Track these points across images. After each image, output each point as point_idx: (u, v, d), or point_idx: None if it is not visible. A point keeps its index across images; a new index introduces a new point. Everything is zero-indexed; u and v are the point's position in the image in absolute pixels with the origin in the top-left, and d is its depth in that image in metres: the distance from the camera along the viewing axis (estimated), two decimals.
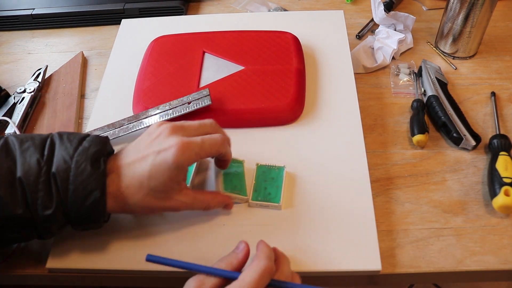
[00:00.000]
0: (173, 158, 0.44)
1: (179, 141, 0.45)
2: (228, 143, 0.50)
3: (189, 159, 0.45)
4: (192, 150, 0.45)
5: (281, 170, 0.55)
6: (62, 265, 0.50)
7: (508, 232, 0.53)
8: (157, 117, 0.60)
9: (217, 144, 0.48)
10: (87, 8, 0.84)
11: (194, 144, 0.45)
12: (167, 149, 0.44)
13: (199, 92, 0.60)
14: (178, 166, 0.44)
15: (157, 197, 0.45)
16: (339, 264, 0.48)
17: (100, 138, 0.47)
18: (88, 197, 0.43)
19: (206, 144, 0.46)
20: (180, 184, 0.46)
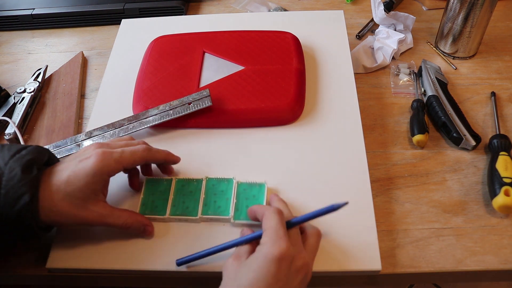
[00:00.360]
0: (91, 164, 0.46)
1: (99, 151, 0.47)
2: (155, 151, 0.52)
3: (108, 167, 0.47)
4: (111, 158, 0.47)
5: (262, 187, 0.53)
6: (62, 265, 0.50)
7: (508, 232, 0.53)
8: (151, 119, 0.59)
9: (138, 152, 0.49)
10: (87, 8, 0.84)
11: (114, 153, 0.47)
12: (88, 158, 0.47)
13: (199, 92, 0.60)
14: (96, 172, 0.46)
15: (73, 204, 0.46)
16: (339, 264, 0.48)
17: (39, 148, 0.49)
18: (18, 201, 0.44)
19: (126, 152, 0.48)
20: (97, 195, 0.47)
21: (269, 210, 0.46)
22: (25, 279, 0.53)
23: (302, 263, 0.43)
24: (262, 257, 0.41)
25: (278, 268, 0.40)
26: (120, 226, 0.49)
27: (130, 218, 0.49)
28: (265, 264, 0.40)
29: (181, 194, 0.53)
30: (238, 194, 0.53)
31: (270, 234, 0.43)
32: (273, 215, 0.45)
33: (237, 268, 0.43)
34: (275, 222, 0.44)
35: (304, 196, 0.54)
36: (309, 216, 0.45)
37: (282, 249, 0.41)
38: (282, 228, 0.43)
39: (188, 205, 0.52)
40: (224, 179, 0.54)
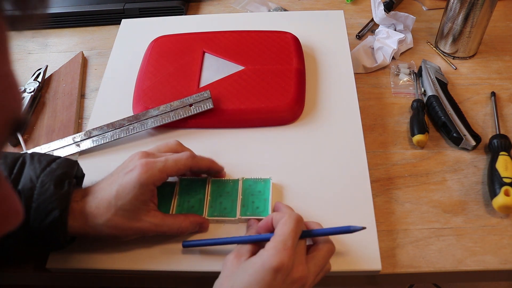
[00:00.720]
0: (137, 176, 0.46)
1: (143, 162, 0.47)
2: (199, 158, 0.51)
3: (153, 177, 0.47)
4: (155, 168, 0.47)
5: (267, 182, 0.54)
6: (62, 265, 0.50)
7: (508, 232, 0.53)
8: (151, 120, 0.59)
9: (182, 160, 0.49)
10: (87, 8, 0.84)
11: (158, 162, 0.48)
12: (132, 170, 0.47)
13: (200, 94, 0.60)
14: (142, 184, 0.46)
15: (125, 217, 0.46)
16: (339, 264, 0.48)
17: (69, 162, 0.49)
18: (48, 216, 0.45)
19: (169, 161, 0.48)
20: (147, 205, 0.47)
21: (290, 216, 0.44)
22: (25, 279, 0.53)
23: (299, 276, 0.42)
24: (260, 264, 0.41)
25: (273, 278, 0.40)
26: (175, 232, 0.49)
27: (184, 222, 0.49)
28: (262, 272, 0.40)
29: (186, 193, 0.53)
30: (244, 190, 0.53)
31: (277, 242, 0.42)
32: (291, 222, 0.43)
33: (235, 267, 0.43)
34: (288, 230, 0.43)
35: (304, 196, 0.54)
36: (327, 231, 0.45)
37: (282, 261, 0.41)
38: (292, 238, 0.42)
39: (193, 205, 0.52)
40: (229, 180, 0.54)
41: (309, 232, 0.45)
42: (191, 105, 0.60)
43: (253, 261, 0.42)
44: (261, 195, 0.53)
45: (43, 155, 0.49)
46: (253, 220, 0.50)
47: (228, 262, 0.44)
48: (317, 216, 0.51)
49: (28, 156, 0.49)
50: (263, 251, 0.42)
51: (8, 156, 0.49)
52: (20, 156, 0.49)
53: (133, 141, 0.61)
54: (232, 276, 0.42)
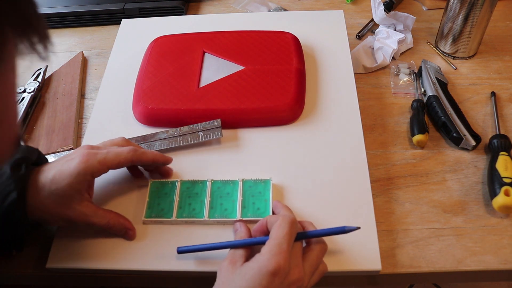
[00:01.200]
0: (75, 164, 0.47)
1: (84, 152, 0.48)
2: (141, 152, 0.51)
3: (92, 167, 0.47)
4: (95, 159, 0.48)
5: (267, 183, 0.54)
6: (62, 265, 0.50)
7: (508, 232, 0.53)
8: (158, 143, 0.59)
9: (123, 153, 0.50)
10: (87, 8, 0.84)
11: (98, 154, 0.48)
12: (73, 158, 0.48)
13: (210, 122, 0.59)
14: (79, 172, 0.47)
15: (56, 202, 0.47)
16: (339, 264, 0.48)
17: (29, 148, 0.50)
18: (6, 198, 0.45)
19: (110, 154, 0.49)
20: (81, 194, 0.48)
21: (284, 219, 0.44)
22: (25, 279, 0.53)
23: (296, 277, 0.42)
24: (257, 269, 0.41)
25: (270, 282, 0.40)
26: (103, 226, 0.49)
27: (113, 219, 0.50)
28: (259, 277, 0.40)
29: (186, 196, 0.53)
30: (244, 191, 0.53)
31: (273, 246, 0.42)
32: (285, 225, 0.43)
33: (231, 273, 0.43)
34: (283, 233, 0.43)
35: (304, 197, 0.54)
36: (322, 232, 0.46)
37: (279, 265, 0.41)
38: (288, 241, 0.42)
39: (194, 207, 0.52)
40: (229, 181, 0.54)
41: (304, 234, 0.45)
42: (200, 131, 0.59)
43: (249, 266, 0.42)
44: (262, 196, 0.53)
45: None
46: (239, 223, 0.50)
47: (223, 269, 0.44)
48: (317, 216, 0.51)
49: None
50: (259, 256, 0.42)
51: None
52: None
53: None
54: (228, 282, 0.42)
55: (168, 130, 0.60)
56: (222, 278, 0.43)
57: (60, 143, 0.64)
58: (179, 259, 0.50)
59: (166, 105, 0.62)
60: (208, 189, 0.53)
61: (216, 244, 0.48)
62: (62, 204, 0.47)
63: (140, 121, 0.63)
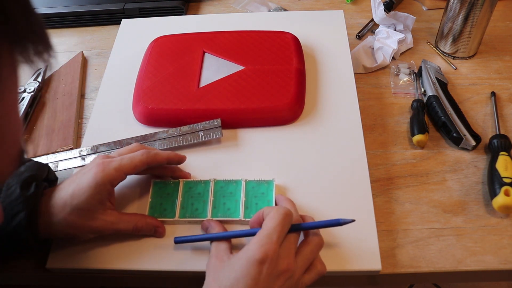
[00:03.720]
0: (92, 176, 0.47)
1: (99, 162, 0.48)
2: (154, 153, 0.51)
3: (109, 176, 0.47)
4: (111, 167, 0.48)
5: (270, 184, 0.54)
6: (62, 265, 0.50)
7: (508, 232, 0.53)
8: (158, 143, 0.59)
9: (137, 157, 0.49)
10: (87, 8, 0.84)
11: (113, 162, 0.48)
12: (89, 170, 0.48)
13: (210, 121, 0.60)
14: (97, 183, 0.46)
15: (81, 216, 0.47)
16: (339, 264, 0.48)
17: (39, 165, 0.50)
18: (14, 219, 0.45)
19: (124, 159, 0.49)
20: (103, 204, 0.48)
21: (278, 210, 0.44)
22: (25, 279, 0.53)
23: (285, 267, 0.42)
24: (245, 258, 0.41)
25: (258, 271, 0.40)
26: (131, 231, 0.50)
27: (140, 221, 0.50)
28: (247, 266, 0.41)
29: (189, 196, 0.53)
30: (247, 192, 0.53)
31: (262, 236, 0.42)
32: (278, 216, 0.43)
33: (220, 267, 0.43)
34: (273, 224, 0.43)
35: (304, 197, 0.54)
36: (316, 224, 0.46)
37: (266, 253, 0.41)
38: (278, 232, 0.42)
39: (197, 207, 0.52)
40: (232, 180, 0.54)
41: (298, 226, 0.45)
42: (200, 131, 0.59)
43: (237, 256, 0.42)
44: (264, 196, 0.53)
45: None
46: (209, 220, 0.51)
47: (210, 265, 0.44)
48: (317, 216, 0.51)
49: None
50: (247, 246, 0.42)
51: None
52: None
53: None
54: (218, 276, 0.42)
55: (168, 130, 0.60)
56: (211, 274, 0.43)
57: (60, 143, 0.64)
58: (179, 259, 0.50)
59: (166, 105, 0.62)
60: (211, 189, 0.53)
61: (212, 234, 0.48)
62: (87, 217, 0.47)
63: (140, 121, 0.63)
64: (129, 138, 0.60)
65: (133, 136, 0.60)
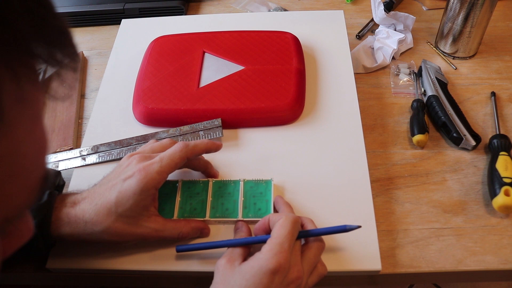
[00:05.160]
0: (136, 182, 0.45)
1: (141, 167, 0.46)
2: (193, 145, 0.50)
3: (153, 180, 0.46)
4: (153, 170, 0.46)
5: (268, 184, 0.54)
6: (62, 265, 0.50)
7: (508, 232, 0.53)
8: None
9: (176, 153, 0.48)
10: (87, 8, 0.84)
11: (154, 164, 0.47)
12: (131, 176, 0.46)
13: (210, 121, 0.60)
14: (142, 189, 0.45)
15: (126, 223, 0.46)
16: (339, 264, 0.48)
17: (51, 172, 0.49)
18: None
19: (164, 160, 0.47)
20: (148, 210, 0.47)
21: (287, 218, 0.44)
22: (25, 279, 0.53)
23: (295, 276, 0.42)
24: (258, 267, 0.41)
25: (271, 281, 0.40)
26: (176, 238, 0.49)
27: (185, 227, 0.49)
28: (259, 275, 0.40)
29: (187, 196, 0.53)
30: (245, 192, 0.53)
31: (274, 245, 0.42)
32: (288, 224, 0.43)
33: (230, 272, 0.42)
34: (285, 232, 0.43)
35: (304, 197, 0.54)
36: (323, 231, 0.46)
37: (279, 263, 0.41)
38: (289, 240, 0.42)
39: (196, 207, 0.52)
40: (230, 181, 0.54)
41: (306, 233, 0.46)
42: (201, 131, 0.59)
43: (249, 264, 0.42)
44: (263, 196, 0.53)
45: None
46: (241, 222, 0.50)
47: (220, 267, 0.43)
48: (317, 216, 0.51)
49: None
50: (259, 254, 0.42)
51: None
52: None
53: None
54: (227, 281, 0.42)
55: (169, 129, 0.60)
56: (220, 277, 0.43)
57: (60, 143, 0.64)
58: (179, 259, 0.50)
59: (166, 105, 0.62)
60: (210, 189, 0.53)
61: (215, 242, 0.48)
62: (132, 224, 0.46)
63: (140, 121, 0.63)
64: (129, 138, 0.60)
65: (133, 136, 0.60)
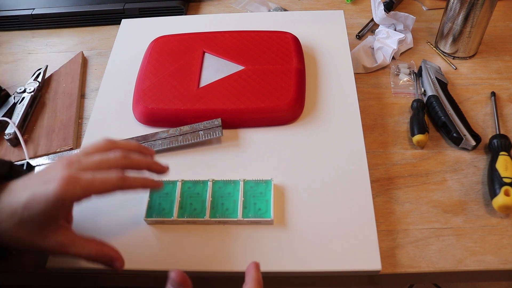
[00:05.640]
0: (54, 190, 0.40)
1: (66, 174, 0.41)
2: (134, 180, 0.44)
3: (73, 195, 0.40)
4: (78, 185, 0.41)
5: (268, 184, 0.54)
6: (62, 265, 0.50)
7: (508, 232, 0.53)
8: (159, 142, 0.59)
9: (111, 181, 0.42)
10: (87, 8, 0.84)
11: (83, 180, 0.41)
12: (51, 181, 0.40)
13: (210, 121, 0.60)
14: (58, 199, 0.40)
15: (28, 230, 0.41)
16: (339, 264, 0.48)
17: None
18: None
19: (97, 181, 0.41)
20: (57, 222, 0.42)
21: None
22: (25, 279, 0.53)
23: None
24: None
25: None
26: (83, 257, 0.43)
27: (95, 249, 0.43)
28: None
29: (187, 196, 0.53)
30: (245, 192, 0.53)
31: None
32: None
33: None
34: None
35: (304, 197, 0.54)
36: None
37: None
38: None
39: (196, 207, 0.52)
40: (230, 181, 0.54)
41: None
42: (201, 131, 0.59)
43: None
44: (263, 196, 0.53)
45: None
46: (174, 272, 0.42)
47: None
48: (317, 217, 0.52)
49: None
50: None
51: None
52: None
53: None
54: None
55: (169, 129, 0.60)
56: None
57: (60, 143, 0.64)
58: (179, 259, 0.50)
59: (166, 105, 0.62)
60: (210, 189, 0.53)
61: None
62: (35, 232, 0.41)
63: (140, 121, 0.63)
64: (129, 138, 0.60)
65: (133, 136, 0.60)
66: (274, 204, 0.53)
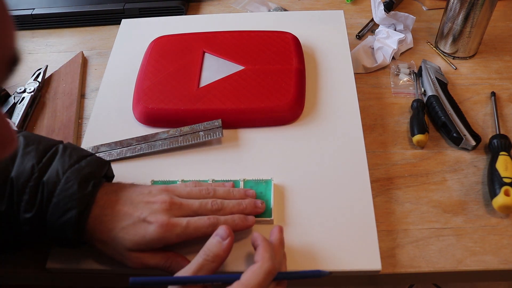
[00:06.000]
0: (151, 233, 0.44)
1: (165, 221, 0.44)
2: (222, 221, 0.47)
3: (167, 239, 0.45)
4: (173, 232, 0.45)
5: (268, 183, 0.54)
6: (62, 265, 0.50)
7: (508, 232, 0.53)
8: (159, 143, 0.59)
9: (203, 228, 0.46)
10: (87, 8, 0.84)
11: (178, 227, 0.45)
12: (151, 223, 0.45)
13: (211, 122, 0.60)
14: (153, 240, 0.44)
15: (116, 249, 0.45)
16: (339, 264, 0.48)
17: (99, 161, 0.48)
18: (65, 214, 0.44)
19: (190, 228, 0.45)
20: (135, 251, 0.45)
21: (262, 267, 0.41)
22: (25, 279, 0.53)
23: None
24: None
25: None
26: (160, 268, 0.46)
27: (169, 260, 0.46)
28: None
29: None
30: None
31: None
32: (261, 273, 0.40)
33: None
34: (255, 282, 0.40)
35: (304, 196, 0.54)
36: (295, 275, 0.44)
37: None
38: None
39: None
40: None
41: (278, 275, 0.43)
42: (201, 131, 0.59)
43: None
44: (263, 196, 0.53)
45: (76, 149, 0.48)
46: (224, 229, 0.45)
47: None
48: (317, 217, 0.52)
49: (61, 147, 0.48)
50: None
51: (41, 142, 0.48)
52: (53, 144, 0.48)
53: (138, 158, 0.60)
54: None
55: (169, 130, 0.60)
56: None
57: None
58: None
59: (166, 105, 0.62)
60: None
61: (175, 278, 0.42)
62: (121, 252, 0.45)
63: (140, 121, 0.63)
64: (129, 139, 0.60)
65: (134, 137, 0.60)
66: (274, 204, 0.53)
